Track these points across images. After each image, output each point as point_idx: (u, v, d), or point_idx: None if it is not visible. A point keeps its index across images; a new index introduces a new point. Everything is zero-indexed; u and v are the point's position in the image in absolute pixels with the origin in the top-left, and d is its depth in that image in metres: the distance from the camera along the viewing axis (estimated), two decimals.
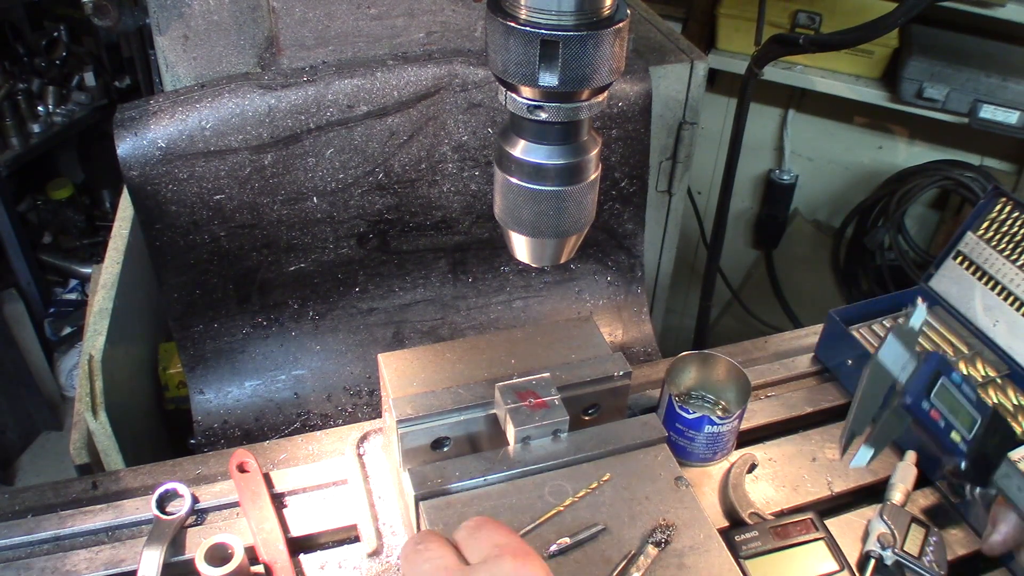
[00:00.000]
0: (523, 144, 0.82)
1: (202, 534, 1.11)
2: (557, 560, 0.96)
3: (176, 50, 1.36)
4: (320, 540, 1.16)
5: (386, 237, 1.52)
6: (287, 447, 1.27)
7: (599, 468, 1.06)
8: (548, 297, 1.67)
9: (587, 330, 1.22)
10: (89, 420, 1.31)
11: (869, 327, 1.47)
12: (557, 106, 0.77)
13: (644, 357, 1.69)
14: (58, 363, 3.51)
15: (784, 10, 2.70)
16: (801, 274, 3.27)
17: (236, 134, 1.34)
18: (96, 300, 1.44)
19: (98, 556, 1.09)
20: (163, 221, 1.37)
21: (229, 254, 1.43)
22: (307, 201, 1.43)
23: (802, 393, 1.41)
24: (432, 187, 1.50)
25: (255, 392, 1.51)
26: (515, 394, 1.06)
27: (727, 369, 1.27)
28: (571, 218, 0.85)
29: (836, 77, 2.75)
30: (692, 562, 0.97)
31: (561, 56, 0.72)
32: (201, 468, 1.24)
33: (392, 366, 1.15)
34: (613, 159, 1.57)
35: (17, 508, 1.16)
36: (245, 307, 1.49)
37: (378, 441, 1.27)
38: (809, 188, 3.18)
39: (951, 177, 2.72)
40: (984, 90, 2.52)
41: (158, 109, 1.32)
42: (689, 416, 1.20)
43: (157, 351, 1.69)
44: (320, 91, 1.35)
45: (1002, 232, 1.40)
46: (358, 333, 1.56)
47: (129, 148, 1.30)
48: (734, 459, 1.26)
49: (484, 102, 1.45)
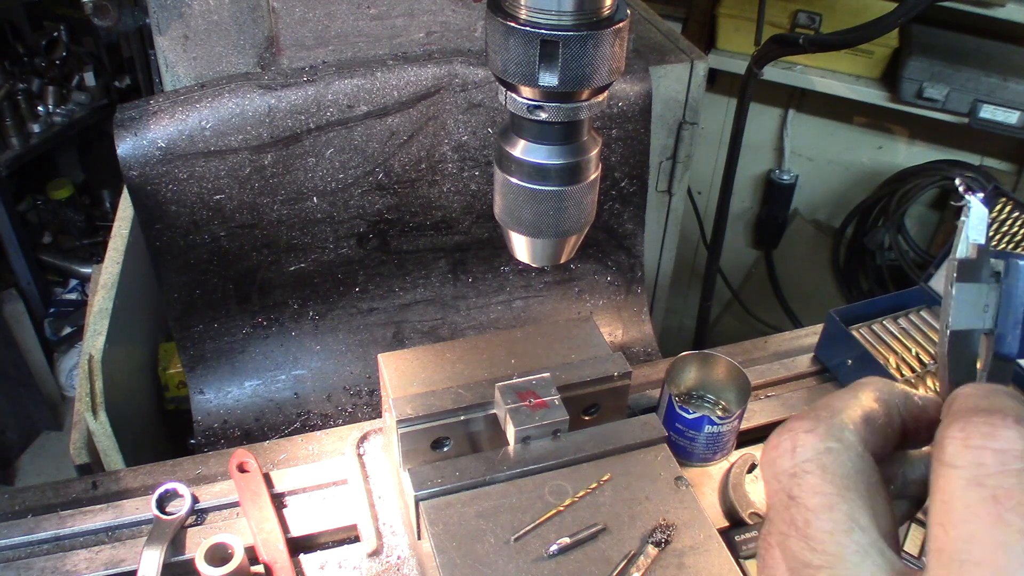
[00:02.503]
0: (523, 144, 0.82)
1: (202, 534, 1.11)
2: (557, 560, 0.96)
3: (176, 50, 1.36)
4: (320, 540, 1.15)
5: (386, 237, 1.52)
6: (287, 447, 1.27)
7: (599, 468, 1.06)
8: (548, 297, 1.67)
9: (587, 330, 1.22)
10: (89, 420, 1.31)
11: (869, 327, 1.47)
12: (557, 106, 0.77)
13: (644, 357, 1.69)
14: (58, 363, 3.51)
15: (784, 10, 2.70)
16: (801, 274, 3.27)
17: (236, 134, 1.34)
18: (96, 300, 1.44)
19: (98, 556, 1.09)
20: (163, 221, 1.37)
21: (229, 254, 1.43)
22: (307, 201, 1.43)
23: (802, 393, 1.41)
24: (432, 187, 1.50)
25: (255, 392, 1.51)
26: (515, 394, 1.06)
27: (727, 369, 1.27)
28: (571, 218, 0.85)
29: (836, 77, 2.75)
30: (692, 562, 0.97)
31: (561, 56, 0.72)
32: (201, 468, 1.24)
33: (392, 366, 1.15)
34: (613, 159, 1.57)
35: (17, 508, 1.16)
36: (245, 307, 1.49)
37: (378, 441, 1.27)
38: (809, 188, 3.18)
39: (951, 177, 2.72)
40: (984, 90, 2.52)
41: (158, 109, 1.32)
42: (689, 416, 1.20)
43: (157, 351, 1.69)
44: (320, 91, 1.35)
45: (1002, 232, 1.40)
46: (358, 333, 1.56)
47: (129, 148, 1.30)
48: (734, 459, 1.26)
49: (484, 102, 1.45)
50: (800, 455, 0.50)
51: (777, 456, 0.51)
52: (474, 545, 0.96)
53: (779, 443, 0.51)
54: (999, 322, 0.76)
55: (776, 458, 0.51)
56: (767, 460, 0.52)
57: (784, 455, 0.50)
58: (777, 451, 0.51)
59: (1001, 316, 0.76)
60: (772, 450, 0.52)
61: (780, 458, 0.51)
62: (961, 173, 2.69)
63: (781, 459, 0.50)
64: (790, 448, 0.50)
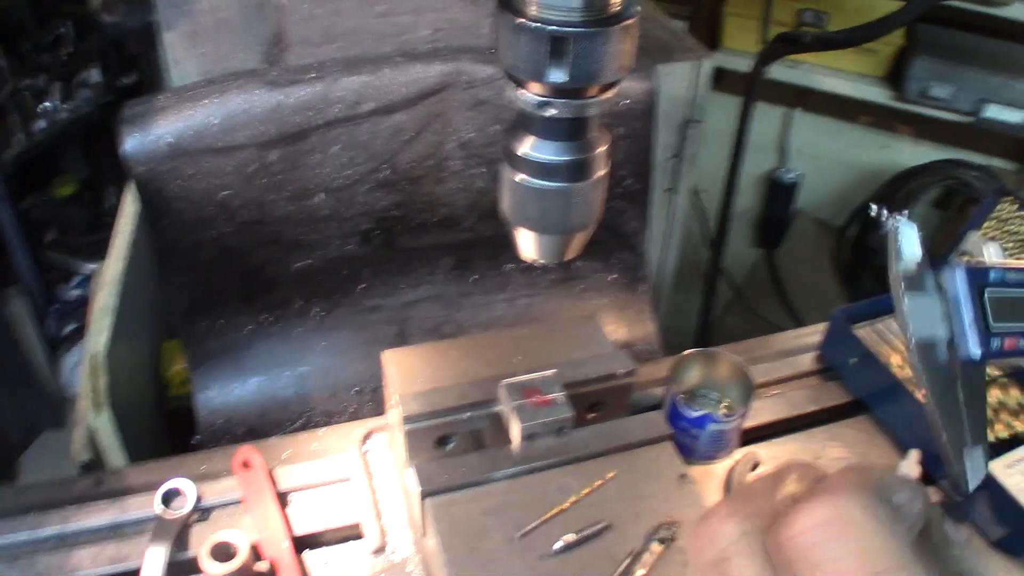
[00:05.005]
0: (531, 140, 0.82)
1: (206, 531, 1.11)
2: (562, 557, 0.96)
3: (183, 47, 1.36)
4: (324, 537, 1.15)
5: (391, 234, 1.52)
6: (291, 444, 1.27)
7: (603, 465, 1.06)
8: (552, 295, 1.67)
9: (591, 328, 1.22)
10: (92, 418, 1.31)
11: (873, 326, 1.47)
12: (566, 102, 0.77)
13: (647, 355, 1.69)
14: (60, 361, 3.51)
15: (789, 8, 2.69)
16: (804, 273, 3.27)
17: (243, 130, 1.34)
18: (99, 297, 1.44)
19: (102, 553, 1.09)
20: (168, 218, 1.36)
21: (234, 251, 1.43)
22: (313, 198, 1.43)
23: (806, 392, 1.40)
24: (437, 184, 1.50)
25: (259, 389, 1.51)
26: (520, 391, 1.06)
27: (730, 367, 1.27)
28: (578, 215, 0.85)
29: (841, 76, 2.75)
30: None
31: (571, 52, 0.72)
32: (205, 465, 1.23)
33: (397, 363, 1.15)
34: (618, 157, 1.57)
35: (20, 506, 1.16)
36: (249, 304, 1.49)
37: (382, 438, 1.27)
38: (813, 187, 3.17)
39: (955, 176, 2.72)
40: (990, 89, 2.51)
41: (165, 105, 1.32)
42: (693, 414, 1.20)
43: (160, 349, 1.69)
44: (327, 88, 1.35)
45: (1007, 231, 1.39)
46: (362, 330, 1.56)
47: (136, 144, 1.30)
48: (737, 457, 1.26)
49: (490, 99, 1.45)
50: (721, 541, 0.53)
51: (702, 546, 0.55)
52: (479, 542, 0.96)
53: (700, 534, 0.55)
54: (955, 329, 0.78)
55: (701, 548, 0.55)
56: (695, 552, 0.55)
57: (707, 545, 0.54)
58: (700, 541, 0.55)
59: (955, 323, 0.78)
60: (696, 541, 0.55)
61: (704, 549, 0.54)
62: (966, 172, 2.69)
63: (704, 550, 0.54)
64: (710, 537, 0.54)
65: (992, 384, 1.38)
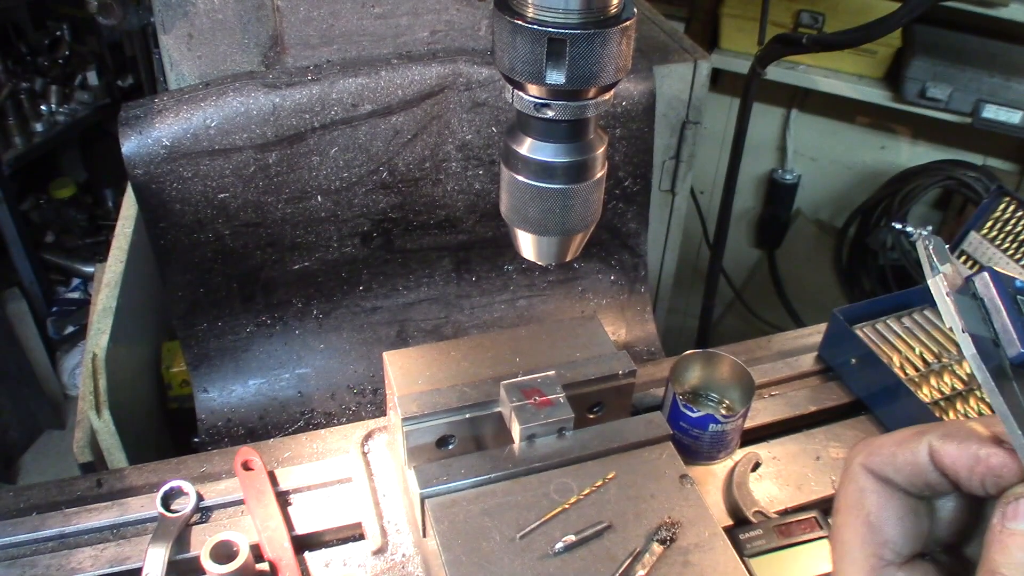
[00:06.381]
0: (530, 142, 0.82)
1: (207, 532, 1.11)
2: (562, 558, 0.96)
3: (180, 49, 1.36)
4: (325, 538, 1.16)
5: (390, 236, 1.53)
6: (291, 445, 1.27)
7: (604, 466, 1.06)
8: (552, 296, 1.67)
9: (591, 329, 1.22)
10: (93, 419, 1.31)
11: (873, 326, 1.47)
12: (564, 104, 0.77)
13: (648, 356, 1.69)
14: (61, 362, 3.51)
15: (787, 10, 2.70)
16: (804, 274, 3.27)
17: (241, 133, 1.34)
18: (100, 299, 1.44)
19: (103, 553, 1.09)
20: (167, 219, 1.37)
21: (233, 253, 1.43)
22: (311, 200, 1.43)
23: (806, 392, 1.41)
24: (436, 186, 1.50)
25: (259, 390, 1.51)
26: (520, 392, 1.07)
27: (731, 368, 1.27)
28: (577, 216, 0.86)
29: (839, 77, 2.75)
30: (697, 560, 0.97)
31: (568, 54, 0.72)
32: (206, 466, 1.24)
33: (397, 364, 1.15)
34: (617, 158, 1.57)
35: (22, 506, 1.17)
36: (249, 306, 1.49)
37: (382, 439, 1.27)
38: (812, 188, 3.17)
39: (954, 177, 2.72)
40: (987, 90, 2.51)
41: (163, 107, 1.32)
42: (693, 415, 1.20)
43: (160, 350, 1.69)
44: (324, 90, 1.36)
45: (1005, 231, 1.40)
46: (362, 332, 1.56)
47: (134, 146, 1.30)
48: (738, 458, 1.26)
49: (488, 101, 1.45)
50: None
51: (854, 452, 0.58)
52: (479, 542, 0.96)
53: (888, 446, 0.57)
54: (997, 328, 0.77)
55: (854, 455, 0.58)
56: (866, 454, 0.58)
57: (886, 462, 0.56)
58: (884, 451, 0.57)
59: (996, 324, 0.77)
60: (882, 448, 0.57)
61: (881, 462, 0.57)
62: (964, 173, 2.69)
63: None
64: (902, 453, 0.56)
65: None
